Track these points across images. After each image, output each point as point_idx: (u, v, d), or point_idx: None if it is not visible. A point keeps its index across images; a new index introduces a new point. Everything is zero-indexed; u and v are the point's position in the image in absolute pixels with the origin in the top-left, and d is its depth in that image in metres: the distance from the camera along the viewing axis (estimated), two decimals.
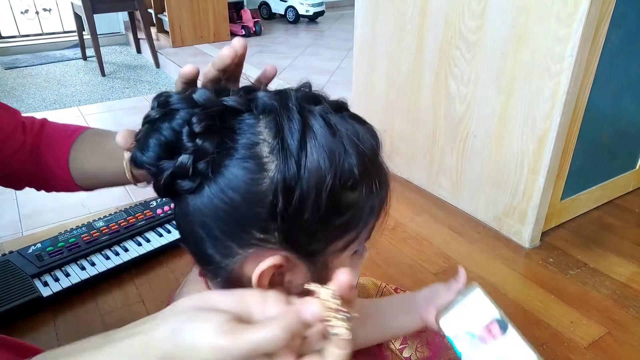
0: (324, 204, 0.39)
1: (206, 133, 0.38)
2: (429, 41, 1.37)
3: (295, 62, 3.28)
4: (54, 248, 1.12)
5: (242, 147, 0.38)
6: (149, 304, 1.05)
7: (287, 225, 0.39)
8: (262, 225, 0.39)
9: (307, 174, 0.38)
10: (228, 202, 0.38)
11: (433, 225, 1.36)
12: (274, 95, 0.41)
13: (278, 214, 0.38)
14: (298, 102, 0.40)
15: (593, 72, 1.11)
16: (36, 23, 3.83)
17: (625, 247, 1.26)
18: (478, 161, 1.33)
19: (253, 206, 0.38)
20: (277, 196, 0.38)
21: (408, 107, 1.51)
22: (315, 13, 4.53)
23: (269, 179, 0.38)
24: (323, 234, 0.41)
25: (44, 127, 0.69)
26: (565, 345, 0.96)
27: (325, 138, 0.39)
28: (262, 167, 0.38)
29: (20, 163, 0.66)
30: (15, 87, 2.99)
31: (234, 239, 0.40)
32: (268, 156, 0.38)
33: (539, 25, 1.07)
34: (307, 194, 0.38)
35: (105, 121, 2.50)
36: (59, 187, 0.70)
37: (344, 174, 0.39)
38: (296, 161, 0.38)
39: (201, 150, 0.38)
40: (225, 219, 0.39)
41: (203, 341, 0.34)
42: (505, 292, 1.10)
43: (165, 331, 0.36)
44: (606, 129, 1.28)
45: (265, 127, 0.39)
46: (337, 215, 0.41)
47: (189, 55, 3.40)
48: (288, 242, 0.40)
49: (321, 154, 0.38)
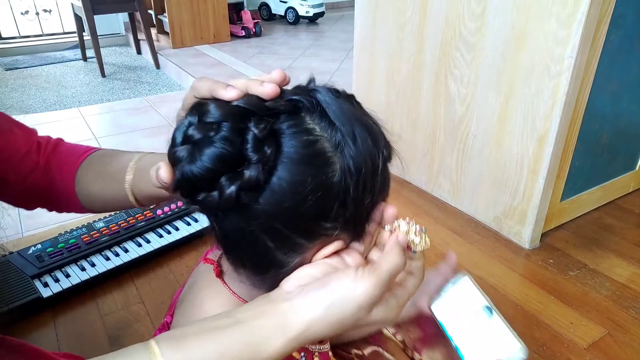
0: (378, 182, 0.42)
1: (268, 140, 0.38)
2: (429, 42, 1.37)
3: (295, 63, 3.28)
4: (54, 249, 1.12)
5: (303, 147, 0.39)
6: (149, 305, 1.05)
7: (353, 210, 0.41)
8: (332, 215, 0.40)
9: (365, 157, 0.40)
10: (300, 201, 0.39)
11: (433, 226, 1.36)
12: (302, 92, 0.42)
13: (351, 201, 0.40)
14: (325, 93, 0.41)
15: (593, 72, 1.11)
16: (36, 24, 3.83)
17: (626, 248, 1.26)
18: (478, 162, 1.33)
19: (326, 199, 0.39)
20: (347, 185, 0.39)
21: (408, 108, 1.51)
22: (315, 14, 4.53)
23: (339, 170, 0.39)
24: (371, 209, 0.44)
25: (57, 147, 0.68)
26: (565, 346, 0.96)
27: (362, 121, 0.41)
28: (329, 160, 0.39)
29: (34, 184, 0.66)
30: (16, 88, 2.99)
31: (305, 235, 0.41)
32: (331, 150, 0.39)
33: (539, 26, 1.07)
34: (367, 175, 0.40)
35: (105, 122, 2.50)
36: (69, 208, 0.70)
37: (384, 149, 0.42)
38: (355, 148, 0.39)
39: (267, 159, 0.38)
40: (296, 218, 0.40)
41: (351, 290, 0.38)
42: (505, 293, 1.10)
43: (307, 306, 0.39)
44: (606, 129, 1.28)
45: (316, 124, 0.40)
46: (382, 190, 0.44)
47: (189, 56, 3.41)
48: (348, 225, 0.42)
49: (366, 136, 0.40)
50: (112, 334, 0.98)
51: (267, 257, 0.42)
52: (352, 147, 0.39)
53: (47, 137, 0.70)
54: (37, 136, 0.69)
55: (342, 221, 0.41)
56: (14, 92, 2.91)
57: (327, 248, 0.42)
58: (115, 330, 0.99)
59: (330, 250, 0.42)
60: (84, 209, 0.68)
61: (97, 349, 0.96)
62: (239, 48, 3.68)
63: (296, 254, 0.42)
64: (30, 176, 0.65)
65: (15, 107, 2.64)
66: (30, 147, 0.66)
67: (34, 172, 0.65)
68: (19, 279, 1.03)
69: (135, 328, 1.00)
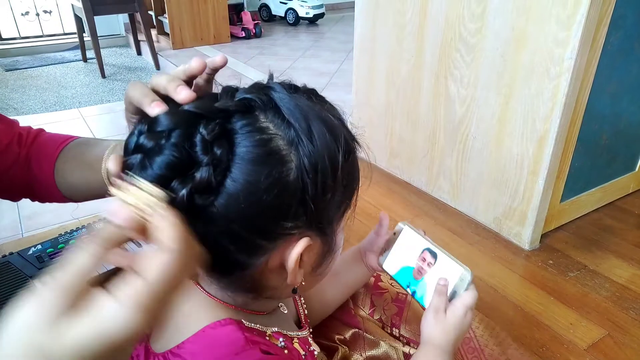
0: (339, 177, 0.41)
1: (218, 141, 0.37)
2: (428, 43, 1.37)
3: (295, 64, 3.28)
4: (54, 249, 1.12)
5: (257, 146, 0.38)
6: None
7: (314, 207, 0.40)
8: (291, 214, 0.40)
9: (322, 154, 0.39)
10: (257, 202, 0.38)
11: (433, 227, 1.36)
12: (255, 90, 0.41)
13: (309, 199, 0.40)
14: (280, 90, 0.41)
15: (593, 73, 1.11)
16: (36, 25, 3.83)
17: (625, 249, 1.26)
18: (478, 163, 1.33)
19: (282, 198, 0.39)
20: (305, 182, 0.39)
21: (408, 109, 1.51)
22: (315, 15, 4.53)
23: (295, 168, 0.39)
24: (337, 206, 0.43)
25: (37, 138, 0.68)
26: (564, 347, 0.96)
27: (320, 116, 0.41)
28: (284, 158, 0.39)
29: (16, 175, 0.65)
30: (16, 88, 2.99)
31: (263, 236, 0.40)
32: (286, 147, 0.39)
33: (539, 27, 1.07)
34: (326, 172, 0.40)
35: (105, 123, 2.50)
36: (50, 198, 0.70)
37: (345, 144, 0.42)
38: (311, 145, 0.39)
39: (218, 160, 0.37)
40: (254, 219, 0.39)
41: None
42: (505, 294, 1.10)
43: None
44: (606, 130, 1.28)
45: (270, 122, 0.40)
46: (346, 185, 0.43)
47: (189, 57, 3.38)
48: (312, 223, 0.42)
49: (323, 132, 0.40)
50: None
51: (229, 260, 0.41)
52: (308, 144, 0.39)
53: (27, 127, 0.69)
54: (19, 127, 0.68)
55: (304, 220, 0.41)
56: (14, 93, 2.91)
57: (296, 248, 0.41)
58: None
59: (298, 251, 0.41)
60: (65, 199, 0.68)
61: None
62: (239, 49, 3.68)
63: (257, 255, 0.41)
64: (12, 168, 0.65)
65: (15, 108, 2.64)
66: (11, 139, 0.66)
67: (16, 163, 0.65)
68: (18, 279, 1.03)
69: None
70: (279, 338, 0.48)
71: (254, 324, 0.47)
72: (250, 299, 0.48)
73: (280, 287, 0.46)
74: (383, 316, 0.77)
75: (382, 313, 0.77)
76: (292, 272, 0.43)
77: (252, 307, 0.49)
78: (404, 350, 0.71)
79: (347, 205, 0.46)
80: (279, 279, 0.45)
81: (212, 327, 0.44)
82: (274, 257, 0.42)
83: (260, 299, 0.48)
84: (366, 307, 0.78)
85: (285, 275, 0.44)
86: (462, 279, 0.59)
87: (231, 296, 0.47)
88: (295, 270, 0.43)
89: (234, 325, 0.44)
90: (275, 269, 0.43)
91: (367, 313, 0.77)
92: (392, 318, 0.76)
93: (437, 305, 0.58)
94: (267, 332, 0.48)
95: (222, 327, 0.44)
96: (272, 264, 0.43)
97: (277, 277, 0.45)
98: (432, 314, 0.58)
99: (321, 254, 0.46)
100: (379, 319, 0.77)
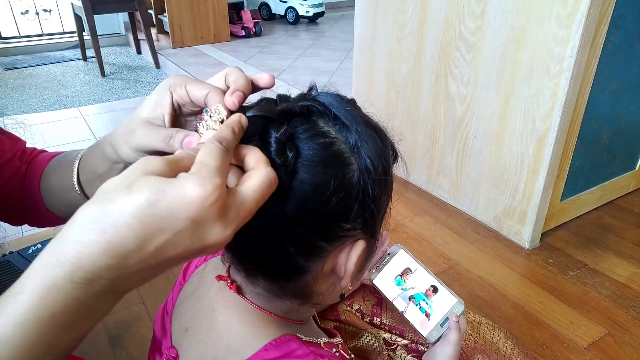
0: (390, 180, 0.43)
1: (289, 143, 0.38)
2: (428, 42, 1.37)
3: (296, 62, 3.28)
4: None
5: (322, 149, 0.39)
6: (149, 305, 1.05)
7: (372, 209, 0.41)
8: (351, 216, 0.41)
9: (379, 157, 0.41)
10: (324, 203, 0.38)
11: (433, 226, 1.36)
12: (306, 98, 0.42)
13: (369, 201, 0.41)
14: (331, 98, 0.42)
15: (593, 72, 1.11)
16: (36, 24, 3.83)
17: (625, 247, 1.26)
18: (478, 162, 1.33)
19: (346, 200, 0.40)
20: (366, 184, 0.40)
21: (408, 107, 1.51)
22: (315, 14, 4.53)
23: (357, 171, 0.40)
24: (384, 209, 0.44)
25: (37, 155, 0.69)
26: (565, 346, 0.96)
27: (370, 122, 0.43)
28: (347, 161, 0.40)
29: (11, 190, 0.66)
30: (16, 87, 2.99)
31: (325, 238, 0.41)
32: (347, 151, 0.40)
33: (539, 26, 1.07)
34: (383, 174, 0.41)
35: (105, 121, 2.50)
36: (38, 216, 0.69)
37: (391, 150, 0.44)
38: (370, 148, 0.40)
39: (288, 162, 0.38)
40: (319, 221, 0.39)
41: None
42: (505, 292, 1.10)
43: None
44: (606, 129, 1.28)
45: (330, 127, 0.40)
46: (392, 188, 0.45)
47: (189, 56, 3.40)
48: (367, 225, 0.42)
49: (375, 137, 0.41)
50: (112, 334, 0.98)
51: (288, 264, 0.41)
52: (367, 148, 0.40)
53: (33, 147, 0.70)
54: (25, 146, 0.69)
55: (360, 221, 0.41)
56: (13, 92, 2.91)
57: (355, 250, 0.42)
58: (115, 330, 0.99)
59: (357, 253, 0.42)
60: (49, 213, 0.66)
61: (97, 349, 0.96)
62: (239, 48, 3.68)
63: (317, 258, 0.42)
64: (10, 182, 0.65)
65: (15, 107, 2.64)
66: (14, 153, 0.66)
67: (14, 177, 0.65)
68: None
69: (135, 328, 1.00)
70: (332, 348, 0.48)
71: (305, 337, 0.46)
72: (296, 305, 0.47)
73: (326, 293, 0.46)
74: (363, 306, 0.77)
75: (362, 303, 0.77)
76: (347, 276, 0.43)
77: (294, 316, 0.48)
78: (384, 337, 0.72)
79: (387, 209, 0.47)
80: (328, 284, 0.45)
81: (274, 345, 0.43)
82: (329, 261, 0.43)
83: (306, 306, 0.47)
84: (346, 299, 0.78)
85: (332, 281, 0.44)
86: (455, 310, 0.62)
87: (277, 304, 0.46)
88: (353, 274, 0.43)
89: (296, 341, 0.44)
90: (327, 273, 0.44)
91: (346, 304, 0.78)
92: (373, 308, 0.77)
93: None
94: (321, 343, 0.47)
95: (284, 343, 0.43)
96: (327, 268, 0.43)
97: (327, 283, 0.45)
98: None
99: (366, 257, 0.46)
100: (359, 309, 0.77)
